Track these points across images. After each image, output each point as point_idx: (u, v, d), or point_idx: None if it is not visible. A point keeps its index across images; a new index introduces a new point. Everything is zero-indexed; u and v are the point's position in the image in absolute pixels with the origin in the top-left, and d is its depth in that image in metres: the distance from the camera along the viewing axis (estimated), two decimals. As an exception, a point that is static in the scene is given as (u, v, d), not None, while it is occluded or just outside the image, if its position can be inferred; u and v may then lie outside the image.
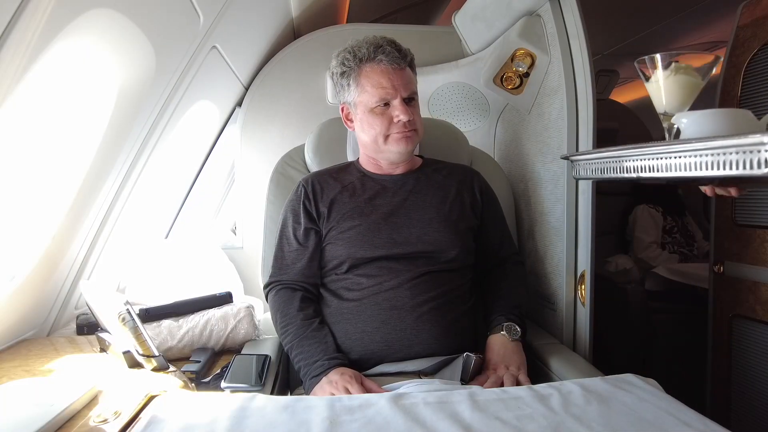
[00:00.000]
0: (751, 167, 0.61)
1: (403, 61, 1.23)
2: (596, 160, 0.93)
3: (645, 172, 0.79)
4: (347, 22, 2.59)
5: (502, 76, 1.64)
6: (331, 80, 1.32)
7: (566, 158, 1.06)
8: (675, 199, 2.70)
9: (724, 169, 0.65)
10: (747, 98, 1.59)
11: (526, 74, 1.57)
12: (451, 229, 1.25)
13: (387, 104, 1.23)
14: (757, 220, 1.57)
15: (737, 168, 0.63)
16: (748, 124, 0.73)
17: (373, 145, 1.28)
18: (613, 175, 0.87)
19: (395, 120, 1.23)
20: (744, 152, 0.61)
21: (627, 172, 0.83)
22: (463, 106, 1.91)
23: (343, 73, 1.27)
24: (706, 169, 0.67)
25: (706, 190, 0.89)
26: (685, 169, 0.71)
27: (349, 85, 1.26)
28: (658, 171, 0.76)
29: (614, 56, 3.64)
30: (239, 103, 1.97)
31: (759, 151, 0.60)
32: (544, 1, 1.46)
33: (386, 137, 1.25)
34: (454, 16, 1.94)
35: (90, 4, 0.93)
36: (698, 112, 0.76)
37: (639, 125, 3.25)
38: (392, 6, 2.83)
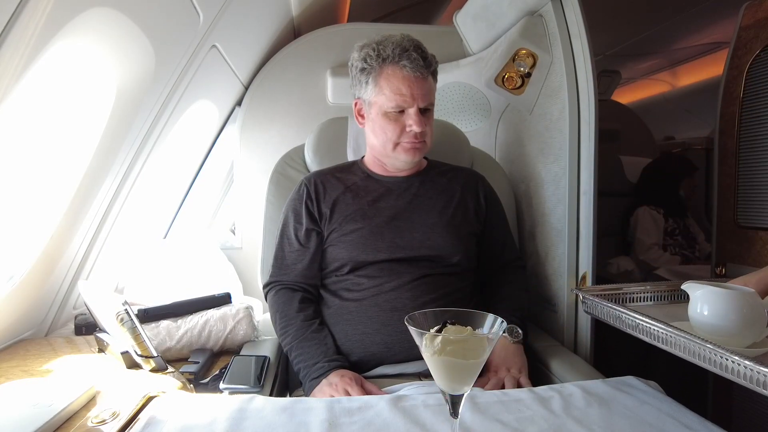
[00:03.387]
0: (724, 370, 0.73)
1: (426, 70, 1.20)
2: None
3: (642, 334, 0.92)
4: (348, 21, 2.59)
5: (504, 76, 1.63)
6: (349, 72, 1.29)
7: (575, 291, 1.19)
8: (677, 201, 2.70)
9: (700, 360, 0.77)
10: (749, 100, 1.59)
11: (528, 74, 1.57)
12: (453, 234, 1.25)
13: (402, 111, 1.22)
14: (759, 222, 1.57)
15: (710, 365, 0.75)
16: (753, 310, 0.81)
17: (381, 149, 1.27)
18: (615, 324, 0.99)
19: (407, 129, 1.22)
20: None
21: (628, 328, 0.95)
22: (464, 106, 1.91)
23: (363, 69, 1.24)
24: (683, 352, 0.80)
25: None
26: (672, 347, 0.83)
27: (367, 82, 1.24)
28: (656, 340, 0.88)
29: (616, 57, 3.65)
30: (239, 103, 1.97)
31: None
32: (545, 1, 1.46)
33: (395, 144, 1.24)
34: (455, 15, 1.95)
35: (89, 2, 0.93)
36: (711, 290, 0.83)
37: (641, 126, 3.26)
38: (393, 5, 2.83)
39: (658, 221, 2.63)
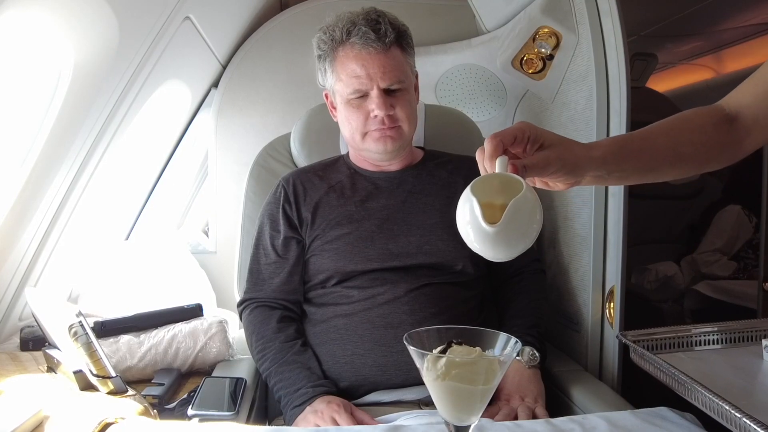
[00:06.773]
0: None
1: (379, 43, 1.20)
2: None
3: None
4: (343, -9, 2.59)
5: (522, 59, 1.64)
6: None
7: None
8: None
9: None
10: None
11: (550, 57, 1.57)
12: (457, 237, 1.24)
13: (365, 95, 1.22)
14: (814, 231, 1.57)
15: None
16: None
17: (352, 142, 1.29)
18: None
19: (372, 115, 1.22)
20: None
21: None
22: (475, 92, 1.91)
23: (319, 57, 1.28)
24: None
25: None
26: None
27: (326, 70, 1.27)
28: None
29: (652, 38, 3.65)
30: (215, 84, 1.97)
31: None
32: (572, -28, 1.47)
33: (364, 134, 1.25)
34: (467, -13, 1.95)
35: (43, -35, 0.93)
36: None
37: (680, 118, 3.26)
38: (395, -26, 2.83)
39: (741, 227, 2.66)
